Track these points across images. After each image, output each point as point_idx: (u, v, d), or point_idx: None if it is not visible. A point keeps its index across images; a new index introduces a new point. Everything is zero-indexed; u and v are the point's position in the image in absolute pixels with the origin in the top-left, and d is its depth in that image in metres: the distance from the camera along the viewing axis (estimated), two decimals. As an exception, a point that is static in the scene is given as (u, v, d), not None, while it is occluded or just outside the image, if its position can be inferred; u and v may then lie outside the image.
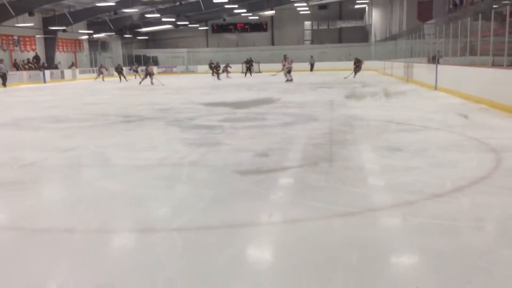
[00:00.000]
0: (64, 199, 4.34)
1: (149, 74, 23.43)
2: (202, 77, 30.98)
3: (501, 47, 10.26)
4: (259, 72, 35.61)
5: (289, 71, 23.15)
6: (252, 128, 8.07)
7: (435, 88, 14.78)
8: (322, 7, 44.04)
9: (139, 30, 41.82)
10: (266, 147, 6.23)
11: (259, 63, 37.09)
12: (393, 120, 8.38)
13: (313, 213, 3.63)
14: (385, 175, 4.87)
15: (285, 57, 24.85)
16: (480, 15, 12.34)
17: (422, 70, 17.53)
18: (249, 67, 32.28)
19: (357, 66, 25.43)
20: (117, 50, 43.56)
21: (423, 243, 3.04)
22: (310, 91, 16.92)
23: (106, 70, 31.95)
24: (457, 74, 12.95)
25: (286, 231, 3.39)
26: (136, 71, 33.57)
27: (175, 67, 40.87)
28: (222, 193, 4.19)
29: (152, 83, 22.68)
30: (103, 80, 30.07)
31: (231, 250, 2.95)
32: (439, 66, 14.88)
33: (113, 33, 39.53)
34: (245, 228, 3.39)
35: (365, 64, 27.05)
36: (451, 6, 26.96)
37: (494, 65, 10.62)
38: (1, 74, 23.50)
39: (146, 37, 46.57)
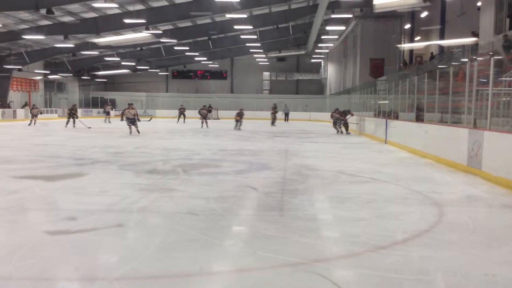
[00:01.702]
0: (2, 244, 4.14)
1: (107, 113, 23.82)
2: (159, 122, 30.86)
3: (446, 105, 10.91)
4: (218, 118, 35.94)
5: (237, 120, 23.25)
6: (206, 175, 8.06)
7: (385, 142, 15.37)
8: (281, 59, 45.54)
9: (98, 72, 41.58)
10: (219, 194, 6.23)
11: (217, 109, 37.50)
12: (344, 171, 8.61)
13: (261, 262, 3.63)
14: (333, 225, 4.97)
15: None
16: (426, 74, 13.15)
17: (373, 124, 18.25)
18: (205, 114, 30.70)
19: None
20: (74, 91, 42.95)
21: (365, 294, 3.10)
22: (266, 139, 17.18)
23: (40, 112, 27.10)
24: (406, 129, 13.57)
25: (232, 281, 3.37)
26: (108, 113, 31.27)
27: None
28: (169, 241, 4.14)
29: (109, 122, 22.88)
30: (33, 123, 25.04)
31: (174, 301, 2.90)
32: (388, 121, 15.55)
33: (71, 75, 39.08)
34: (191, 278, 3.35)
35: (320, 115, 27.97)
36: (401, 65, 28.59)
37: (440, 122, 11.22)
38: None
39: (105, 80, 46.29)
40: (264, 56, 41.44)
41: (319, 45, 36.08)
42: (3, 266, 3.48)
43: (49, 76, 37.67)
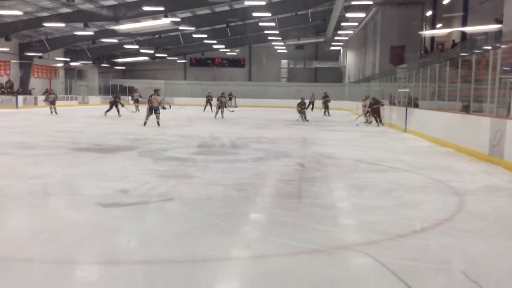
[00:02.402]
0: (26, 227, 4.24)
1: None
2: (179, 109, 31.03)
3: (468, 94, 10.71)
4: (236, 106, 35.94)
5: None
6: (223, 162, 8.09)
7: (405, 130, 15.18)
8: (299, 47, 45.16)
9: (117, 60, 41.88)
10: (237, 181, 6.25)
11: (235, 97, 37.45)
12: (363, 160, 8.54)
13: (279, 249, 3.64)
14: (351, 213, 4.95)
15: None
16: (448, 62, 12.89)
17: (393, 112, 18.03)
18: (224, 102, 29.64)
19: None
20: (94, 79, 43.39)
21: (384, 283, 3.08)
22: (284, 127, 17.13)
23: (56, 97, 24.56)
24: (426, 118, 13.37)
25: (251, 266, 3.39)
26: (137, 101, 28.39)
27: (151, 98, 40.82)
28: (189, 227, 4.17)
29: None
30: (54, 112, 23.05)
31: (193, 285, 2.93)
32: (409, 109, 15.34)
33: (90, 62, 39.46)
34: (209, 263, 3.38)
35: (338, 104, 27.67)
36: (422, 52, 28.10)
37: (462, 110, 11.03)
38: None
39: (124, 67, 46.62)
40: (283, 43, 41.14)
41: (338, 32, 35.63)
42: (26, 250, 3.56)
43: (70, 64, 38.10)
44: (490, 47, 15.81)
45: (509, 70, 8.67)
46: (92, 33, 29.59)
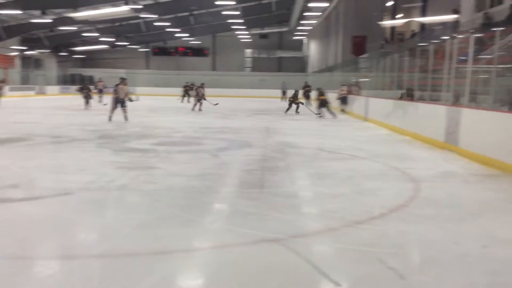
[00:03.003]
0: (-21, 223, 4.09)
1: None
2: (141, 99, 30.47)
3: (425, 83, 11.01)
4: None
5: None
6: (186, 153, 8.04)
7: (365, 119, 15.48)
8: (263, 36, 45.15)
9: (76, 48, 40.66)
10: (199, 172, 6.23)
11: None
12: (324, 149, 8.67)
13: (241, 238, 3.66)
14: (312, 202, 5.03)
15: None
16: (407, 52, 13.20)
17: (354, 101, 18.34)
18: (186, 91, 28.15)
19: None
20: (52, 68, 42.02)
21: (343, 268, 3.16)
22: (247, 117, 17.15)
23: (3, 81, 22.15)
24: (385, 107, 13.67)
25: (212, 257, 3.40)
26: (101, 91, 24.74)
27: (112, 87, 40.00)
28: (150, 219, 4.14)
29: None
30: None
31: (154, 277, 2.92)
32: (369, 98, 15.64)
33: (48, 51, 38.15)
34: (170, 254, 3.36)
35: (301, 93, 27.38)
36: (383, 42, 28.61)
37: (419, 99, 11.34)
38: None
39: (83, 56, 45.32)
40: (246, 33, 41.03)
41: (302, 22, 35.80)
42: (-21, 245, 3.45)
43: (26, 52, 36.71)
44: (447, 37, 16.26)
45: (465, 59, 8.95)
46: (50, 21, 28.58)
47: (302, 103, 18.94)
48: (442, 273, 3.09)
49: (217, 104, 20.61)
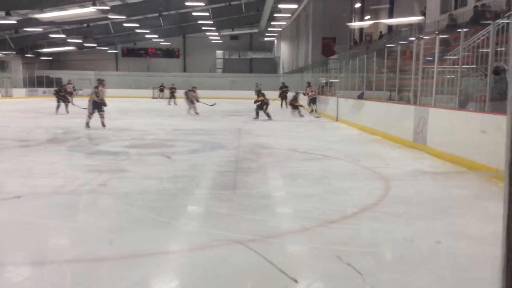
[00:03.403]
0: None
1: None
2: (110, 101, 30.01)
3: (394, 83, 11.24)
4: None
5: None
6: (159, 155, 7.97)
7: (337, 119, 15.68)
8: (234, 37, 45.18)
9: (42, 50, 39.72)
10: (172, 174, 6.19)
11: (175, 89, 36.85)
12: (297, 149, 8.74)
13: (214, 240, 3.66)
14: (285, 202, 5.07)
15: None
16: (375, 53, 13.44)
17: (325, 102, 18.55)
18: (172, 93, 28.58)
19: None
20: (18, 70, 40.92)
21: (317, 267, 3.20)
22: (220, 118, 17.11)
23: None
24: (355, 107, 13.89)
25: (185, 259, 3.39)
26: (71, 94, 22.49)
27: (81, 90, 39.27)
28: (121, 222, 4.09)
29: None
30: None
31: (126, 282, 2.89)
32: (339, 99, 15.85)
33: (13, 52, 37.13)
34: (143, 258, 3.33)
35: (274, 94, 27.28)
36: (352, 43, 29.05)
37: (389, 99, 11.56)
38: None
39: (50, 58, 44.32)
40: (217, 34, 40.95)
41: (272, 23, 36.00)
42: None
43: (-11, 54, 35.70)
44: (414, 38, 16.62)
45: (432, 60, 9.17)
46: (14, 22, 27.82)
47: (302, 106, 18.20)
48: (412, 270, 3.16)
49: (214, 104, 20.35)
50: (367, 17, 29.74)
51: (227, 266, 3.18)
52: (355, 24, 28.84)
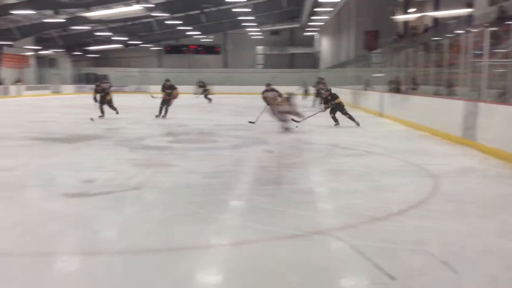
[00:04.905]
0: (1, 220, 4.15)
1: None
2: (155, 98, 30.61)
3: (441, 78, 10.90)
4: (212, 93, 35.65)
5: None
6: (201, 150, 8.07)
7: (381, 115, 15.37)
8: (274, 33, 45.05)
9: (89, 48, 41.02)
10: (215, 169, 6.24)
11: (211, 84, 37.20)
12: (339, 145, 8.63)
13: (259, 235, 3.67)
14: (329, 198, 5.01)
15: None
16: (421, 46, 13.07)
17: (369, 97, 18.22)
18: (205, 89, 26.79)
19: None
20: (66, 67, 42.44)
21: (363, 265, 3.14)
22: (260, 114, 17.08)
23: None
24: (400, 102, 13.56)
25: (230, 253, 3.41)
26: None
27: (126, 86, 40.32)
28: (168, 215, 4.16)
29: None
30: None
31: (174, 274, 2.93)
32: (384, 93, 15.52)
33: (62, 50, 38.51)
34: (189, 251, 3.38)
35: (312, 90, 26.53)
36: (395, 37, 28.36)
37: (436, 94, 11.22)
38: None
39: (97, 55, 45.71)
40: (258, 29, 40.98)
41: (313, 18, 35.65)
42: (2, 243, 3.50)
43: (40, 52, 37.12)
44: (461, 31, 16.05)
45: (481, 53, 8.83)
46: (63, 20, 28.84)
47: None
48: (464, 269, 3.05)
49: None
50: (412, 9, 28.95)
51: (273, 261, 3.18)
52: (400, 17, 28.12)
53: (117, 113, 14.14)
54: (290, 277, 2.93)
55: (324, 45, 41.51)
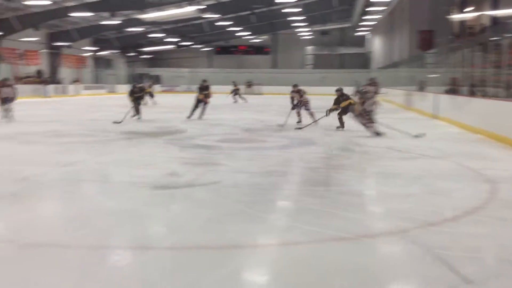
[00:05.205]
0: (60, 214, 4.36)
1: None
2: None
3: (500, 79, 10.42)
4: (260, 94, 35.87)
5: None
6: (250, 150, 8.12)
7: (435, 117, 14.88)
8: (324, 33, 44.67)
9: (143, 49, 42.32)
10: (263, 169, 6.26)
11: (260, 84, 37.42)
12: (392, 147, 8.41)
13: (307, 236, 3.64)
14: (380, 201, 4.90)
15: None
16: (479, 46, 12.55)
17: (423, 98, 17.68)
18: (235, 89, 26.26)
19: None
20: (121, 67, 43.98)
21: (414, 271, 3.05)
22: (309, 114, 16.97)
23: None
24: (456, 104, 13.07)
25: (279, 253, 3.41)
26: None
27: (178, 86, 41.23)
28: (217, 214, 4.21)
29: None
30: None
31: (222, 271, 2.96)
32: (439, 95, 15.01)
33: (118, 51, 39.95)
34: (238, 249, 3.41)
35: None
36: (451, 37, 27.36)
37: (493, 96, 10.74)
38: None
39: (150, 56, 47.08)
40: (307, 30, 40.77)
41: (365, 17, 35.04)
42: (60, 236, 3.66)
43: (97, 53, 38.69)
44: (523, 31, 15.28)
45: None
46: (119, 22, 29.89)
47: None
48: (522, 280, 2.90)
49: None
50: (469, 8, 27.84)
51: (321, 263, 3.14)
52: (456, 17, 27.12)
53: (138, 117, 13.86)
54: (338, 280, 2.89)
55: (376, 45, 40.71)
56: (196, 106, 13.99)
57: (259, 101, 27.37)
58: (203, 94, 14.15)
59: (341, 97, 11.43)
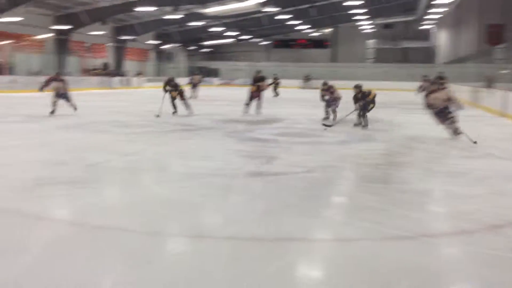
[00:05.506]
0: (121, 200, 4.54)
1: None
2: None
3: None
4: (318, 88, 35.45)
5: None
6: (307, 144, 8.06)
7: (503, 115, 14.09)
8: (387, 26, 43.46)
9: (203, 43, 43.10)
10: (320, 164, 6.20)
11: (315, 79, 36.94)
12: (455, 146, 8.07)
13: (364, 233, 3.57)
14: (442, 201, 4.72)
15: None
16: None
17: (490, 95, 16.80)
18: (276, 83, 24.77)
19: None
20: (181, 61, 45.06)
21: (477, 273, 2.92)
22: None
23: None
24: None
25: (335, 249, 3.37)
26: (194, 85, 22.36)
27: (236, 79, 41.68)
28: (273, 206, 4.22)
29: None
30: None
31: (278, 263, 2.97)
32: (508, 92, 14.19)
33: (179, 45, 40.94)
34: (294, 242, 3.40)
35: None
36: (524, 30, 25.73)
37: None
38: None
39: (210, 50, 47.88)
40: (369, 23, 39.82)
41: (430, 10, 33.71)
42: (120, 219, 3.82)
43: (160, 47, 39.86)
44: None
45: None
46: (181, 16, 30.59)
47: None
48: None
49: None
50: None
51: (378, 261, 3.07)
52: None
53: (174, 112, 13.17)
54: (396, 279, 2.81)
55: (442, 39, 39.12)
56: (250, 99, 13.74)
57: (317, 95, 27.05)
58: (256, 86, 13.77)
59: (358, 94, 10.92)
